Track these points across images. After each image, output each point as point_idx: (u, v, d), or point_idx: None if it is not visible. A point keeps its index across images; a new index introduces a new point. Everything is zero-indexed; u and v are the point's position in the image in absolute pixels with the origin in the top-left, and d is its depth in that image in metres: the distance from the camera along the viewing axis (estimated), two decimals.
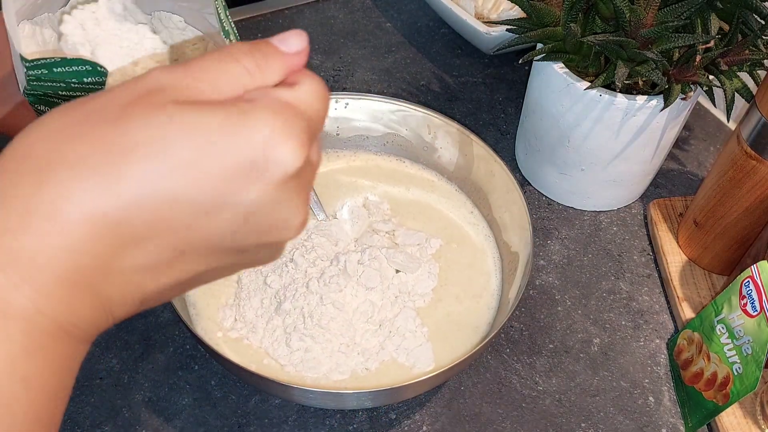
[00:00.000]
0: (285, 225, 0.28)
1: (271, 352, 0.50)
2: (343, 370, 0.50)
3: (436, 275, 0.56)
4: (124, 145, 0.24)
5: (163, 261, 0.26)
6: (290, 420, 0.52)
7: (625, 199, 0.68)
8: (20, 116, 0.54)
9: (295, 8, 0.87)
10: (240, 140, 0.25)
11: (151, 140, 0.24)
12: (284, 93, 0.27)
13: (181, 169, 0.24)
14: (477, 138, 0.59)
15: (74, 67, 0.46)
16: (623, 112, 0.57)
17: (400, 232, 0.58)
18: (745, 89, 0.56)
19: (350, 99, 0.62)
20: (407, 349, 0.51)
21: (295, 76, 0.28)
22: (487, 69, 0.81)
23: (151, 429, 0.51)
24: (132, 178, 0.24)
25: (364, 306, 0.51)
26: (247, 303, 0.52)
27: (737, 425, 0.52)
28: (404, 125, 0.62)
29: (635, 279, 0.63)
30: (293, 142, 0.26)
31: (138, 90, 0.26)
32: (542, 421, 0.53)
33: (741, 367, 0.48)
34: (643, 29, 0.53)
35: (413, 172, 0.63)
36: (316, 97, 0.28)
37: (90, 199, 0.24)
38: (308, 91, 0.28)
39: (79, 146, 0.24)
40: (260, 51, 0.28)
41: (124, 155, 0.24)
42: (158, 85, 0.26)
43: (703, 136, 0.76)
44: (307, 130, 0.27)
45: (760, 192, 0.54)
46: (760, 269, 0.48)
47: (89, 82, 0.47)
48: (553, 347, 0.57)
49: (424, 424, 0.52)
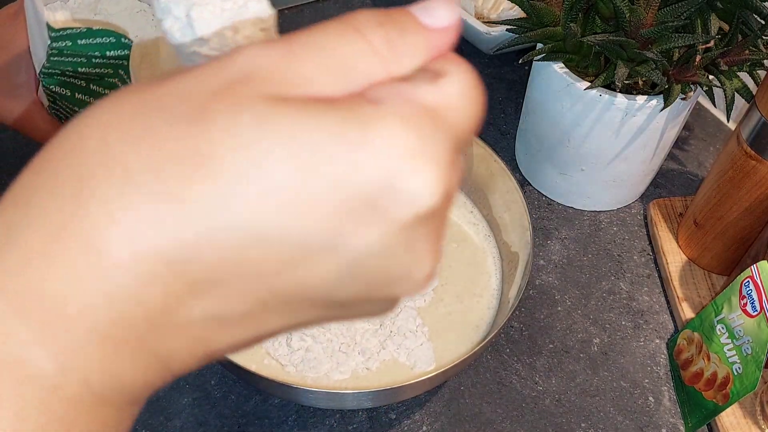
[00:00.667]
0: (407, 277, 0.20)
1: (272, 352, 0.50)
2: (344, 369, 0.50)
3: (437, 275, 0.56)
4: (202, 156, 0.17)
5: (241, 312, 0.19)
6: (290, 420, 0.52)
7: (625, 199, 0.68)
8: (33, 111, 0.53)
9: (295, 8, 0.87)
10: (359, 163, 0.18)
11: (235, 152, 0.17)
12: (425, 92, 0.19)
13: (273, 197, 0.17)
14: (477, 138, 0.59)
15: (99, 39, 0.44)
16: (623, 112, 0.57)
17: None
18: (745, 89, 0.56)
19: None
20: (408, 348, 0.51)
21: (440, 64, 0.21)
22: (487, 69, 0.81)
23: (150, 429, 0.51)
24: (208, 203, 0.17)
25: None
26: None
27: (737, 425, 0.52)
28: None
29: (635, 279, 0.63)
30: (432, 170, 0.18)
31: (230, 74, 0.18)
32: (542, 421, 0.53)
33: (741, 367, 0.48)
34: (643, 29, 0.53)
35: None
36: (468, 98, 0.20)
37: (148, 228, 0.17)
38: (458, 89, 0.20)
39: (143, 149, 0.17)
40: (395, 23, 0.20)
41: (199, 170, 0.17)
42: (252, 69, 0.18)
43: (703, 136, 0.76)
44: (452, 150, 0.19)
45: (760, 192, 0.54)
46: (760, 269, 0.48)
47: (111, 56, 0.45)
48: (553, 347, 0.57)
49: (423, 424, 0.52)
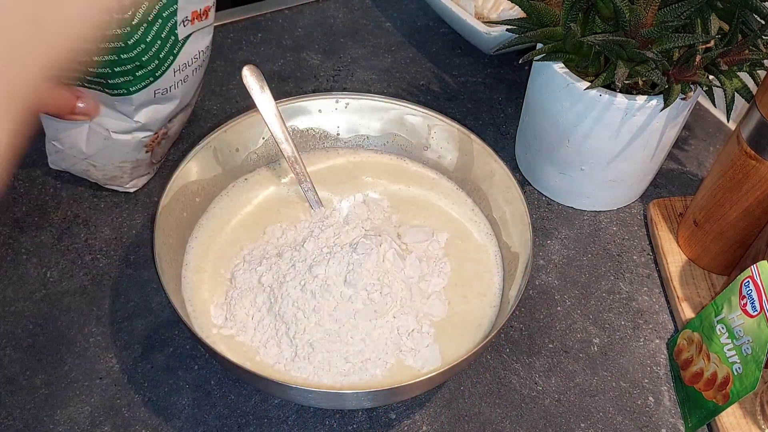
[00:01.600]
0: None
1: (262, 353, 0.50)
2: (346, 375, 0.50)
3: (447, 274, 0.55)
4: None
5: None
6: (290, 420, 0.52)
7: (624, 199, 0.68)
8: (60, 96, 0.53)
9: (295, 8, 0.87)
10: None
11: None
12: None
13: None
14: (477, 137, 0.59)
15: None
16: (623, 112, 0.57)
17: (405, 229, 0.58)
18: (745, 89, 0.56)
19: (351, 99, 0.62)
20: (414, 348, 0.51)
21: None
22: (487, 69, 0.81)
23: (150, 429, 0.51)
24: None
25: (366, 304, 0.51)
26: (239, 302, 0.52)
27: (737, 425, 0.52)
28: (404, 125, 0.62)
29: (635, 279, 0.63)
30: None
31: None
32: (541, 421, 0.53)
33: (741, 367, 0.48)
34: (643, 29, 0.53)
35: (414, 170, 0.63)
36: None
37: None
38: None
39: None
40: None
41: None
42: None
43: (703, 136, 0.76)
44: None
45: (760, 192, 0.54)
46: (760, 269, 0.48)
47: None
48: (553, 347, 0.57)
49: (423, 424, 0.52)
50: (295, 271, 0.52)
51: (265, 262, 0.54)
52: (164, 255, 0.51)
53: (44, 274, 0.59)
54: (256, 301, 0.52)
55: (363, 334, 0.50)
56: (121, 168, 0.61)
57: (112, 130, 0.57)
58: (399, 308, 0.52)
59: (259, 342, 0.51)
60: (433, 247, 0.57)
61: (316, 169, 0.62)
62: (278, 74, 0.78)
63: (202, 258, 0.55)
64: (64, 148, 0.60)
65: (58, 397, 0.52)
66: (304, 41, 0.83)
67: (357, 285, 0.51)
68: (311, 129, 0.63)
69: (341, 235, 0.55)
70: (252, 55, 0.80)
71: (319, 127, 0.63)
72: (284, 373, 0.49)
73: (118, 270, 0.59)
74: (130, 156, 0.60)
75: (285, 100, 0.60)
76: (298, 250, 0.54)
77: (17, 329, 0.55)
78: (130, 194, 0.65)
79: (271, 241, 0.56)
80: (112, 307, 0.57)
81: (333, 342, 0.50)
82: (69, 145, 0.59)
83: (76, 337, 0.55)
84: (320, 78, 0.78)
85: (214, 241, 0.57)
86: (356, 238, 0.54)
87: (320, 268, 0.51)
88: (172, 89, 0.57)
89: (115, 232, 0.62)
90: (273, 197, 0.60)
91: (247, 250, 0.56)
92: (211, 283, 0.54)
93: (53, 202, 0.64)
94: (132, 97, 0.54)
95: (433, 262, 0.56)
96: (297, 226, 0.57)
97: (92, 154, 0.59)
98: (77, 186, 0.65)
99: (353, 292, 0.51)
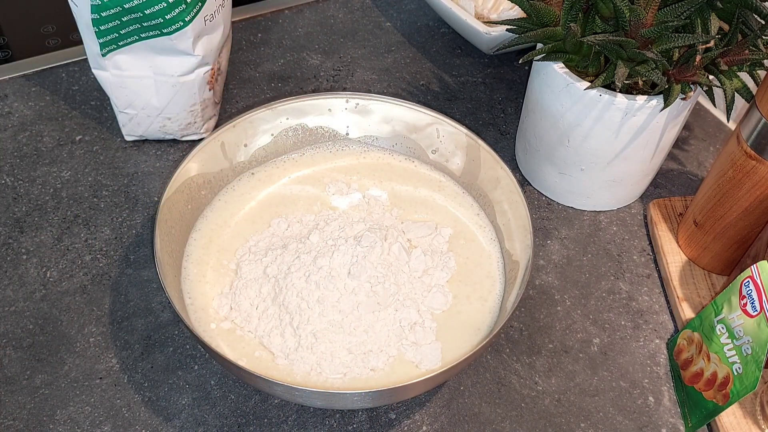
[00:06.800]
0: None
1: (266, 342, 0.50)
2: (348, 367, 0.50)
3: (452, 269, 0.56)
4: None
5: None
6: (290, 420, 0.52)
7: (624, 199, 0.68)
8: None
9: (295, 8, 0.87)
10: None
11: None
12: None
13: None
14: (485, 144, 0.59)
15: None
16: (623, 112, 0.57)
17: (407, 224, 0.58)
18: (745, 89, 0.56)
19: (360, 99, 0.62)
20: (416, 342, 0.51)
21: None
22: (487, 69, 0.81)
23: (150, 429, 0.51)
24: None
25: (370, 296, 0.51)
26: (244, 292, 0.52)
27: (737, 425, 0.52)
28: (413, 128, 0.62)
29: (635, 279, 0.63)
30: None
31: None
32: (541, 421, 0.53)
33: (741, 367, 0.48)
34: (643, 29, 0.53)
35: (422, 172, 0.63)
36: None
37: None
38: None
39: None
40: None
41: None
42: None
43: (703, 136, 0.76)
44: None
45: (760, 192, 0.54)
46: (760, 269, 0.48)
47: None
48: (553, 347, 0.57)
49: (423, 424, 0.52)
50: (299, 263, 0.52)
51: (271, 253, 0.54)
52: (165, 246, 0.51)
53: (44, 274, 0.59)
54: (261, 292, 0.52)
55: (366, 326, 0.51)
56: (193, 112, 0.66)
57: (177, 75, 0.62)
58: (401, 301, 0.52)
59: (263, 332, 0.51)
60: (438, 242, 0.57)
61: (324, 168, 0.62)
62: (278, 74, 0.78)
63: (204, 250, 0.56)
64: (137, 112, 0.65)
65: (58, 397, 0.52)
66: (304, 41, 0.83)
67: (361, 277, 0.51)
68: (321, 127, 0.63)
69: (346, 228, 0.55)
70: (252, 55, 0.80)
71: (329, 126, 0.63)
72: (287, 364, 0.49)
73: (118, 270, 0.59)
74: (198, 97, 0.65)
75: (293, 98, 0.61)
76: (303, 242, 0.54)
77: (17, 329, 0.55)
78: (130, 194, 0.65)
79: (277, 234, 0.57)
80: (112, 307, 0.57)
81: (336, 333, 0.50)
82: (142, 106, 0.64)
83: (76, 337, 0.55)
84: (320, 78, 0.78)
85: (217, 233, 0.57)
86: (361, 231, 0.55)
87: (325, 260, 0.51)
88: (216, 14, 0.62)
89: (115, 232, 0.62)
90: (279, 193, 0.61)
91: (253, 242, 0.56)
92: (213, 275, 0.54)
93: (53, 202, 0.64)
94: (188, 28, 0.59)
95: (437, 256, 0.56)
96: (303, 219, 0.58)
97: (164, 105, 0.65)
98: (77, 186, 0.65)
99: (357, 284, 0.51)
